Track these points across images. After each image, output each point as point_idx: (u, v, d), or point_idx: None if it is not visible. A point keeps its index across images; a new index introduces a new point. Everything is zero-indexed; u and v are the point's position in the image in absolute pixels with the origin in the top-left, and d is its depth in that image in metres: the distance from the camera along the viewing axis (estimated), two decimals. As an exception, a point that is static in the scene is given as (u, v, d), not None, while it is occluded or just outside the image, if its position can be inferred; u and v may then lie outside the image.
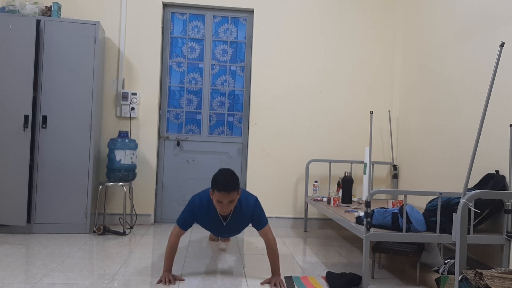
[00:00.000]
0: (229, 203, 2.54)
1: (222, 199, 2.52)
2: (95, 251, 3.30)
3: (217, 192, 2.52)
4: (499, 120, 2.86)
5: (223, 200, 2.52)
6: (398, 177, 4.49)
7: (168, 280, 2.61)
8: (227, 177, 2.52)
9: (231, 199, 2.53)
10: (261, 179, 4.53)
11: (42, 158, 3.80)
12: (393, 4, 4.68)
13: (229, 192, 2.50)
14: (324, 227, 4.59)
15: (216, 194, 2.53)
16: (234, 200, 2.55)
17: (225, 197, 2.51)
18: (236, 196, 2.55)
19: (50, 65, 3.83)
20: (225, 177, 2.52)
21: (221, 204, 2.54)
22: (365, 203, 2.58)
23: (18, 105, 3.67)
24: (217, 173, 2.58)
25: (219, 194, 2.51)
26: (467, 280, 2.15)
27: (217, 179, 2.53)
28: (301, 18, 4.59)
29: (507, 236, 2.62)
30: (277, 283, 2.61)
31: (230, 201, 2.54)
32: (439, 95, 3.68)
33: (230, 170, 2.60)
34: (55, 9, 3.93)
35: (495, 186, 2.70)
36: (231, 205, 2.56)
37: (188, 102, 4.60)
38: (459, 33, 3.41)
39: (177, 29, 4.59)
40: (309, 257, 3.39)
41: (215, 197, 2.55)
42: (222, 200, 2.52)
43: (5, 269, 2.75)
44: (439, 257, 2.83)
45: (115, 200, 4.35)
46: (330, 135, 4.61)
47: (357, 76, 4.64)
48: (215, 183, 2.54)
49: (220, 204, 2.55)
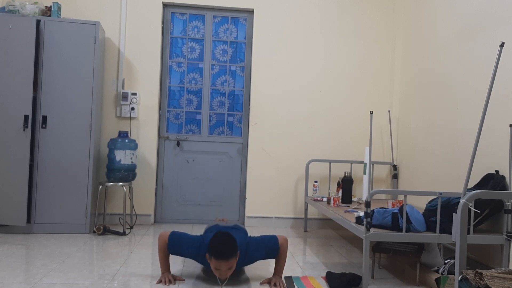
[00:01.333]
0: (228, 270, 2.40)
1: (220, 267, 2.38)
2: (95, 251, 3.30)
3: (214, 260, 2.37)
4: (499, 120, 2.86)
5: (221, 268, 2.38)
6: (398, 177, 4.49)
7: (168, 280, 2.60)
8: (224, 243, 2.37)
9: (230, 266, 2.39)
10: (261, 179, 4.53)
11: (42, 158, 3.80)
12: (393, 4, 4.68)
13: (228, 259, 2.36)
14: (324, 227, 4.59)
15: (214, 261, 2.38)
16: (232, 266, 2.41)
17: (223, 265, 2.37)
18: (234, 262, 2.40)
19: (50, 65, 3.83)
20: (222, 243, 2.37)
21: (219, 272, 2.41)
22: (365, 203, 2.58)
23: (18, 105, 3.67)
24: (213, 239, 2.41)
25: (216, 262, 2.37)
26: (467, 280, 2.15)
27: (214, 246, 2.37)
28: (301, 18, 4.59)
29: (507, 236, 2.62)
30: (277, 283, 2.60)
31: (228, 268, 2.40)
32: (439, 95, 3.68)
33: (227, 234, 2.43)
34: (55, 9, 3.93)
35: (495, 186, 2.70)
36: (229, 271, 2.42)
37: (188, 102, 4.60)
38: (459, 33, 3.41)
39: (177, 29, 4.59)
40: (309, 257, 3.39)
41: (213, 265, 2.40)
42: (220, 268, 2.39)
43: (5, 269, 2.75)
44: (439, 257, 2.83)
45: (115, 200, 4.35)
46: (330, 135, 4.61)
47: (357, 76, 4.64)
48: (211, 250, 2.38)
49: (218, 271, 2.41)
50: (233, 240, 2.41)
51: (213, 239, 2.41)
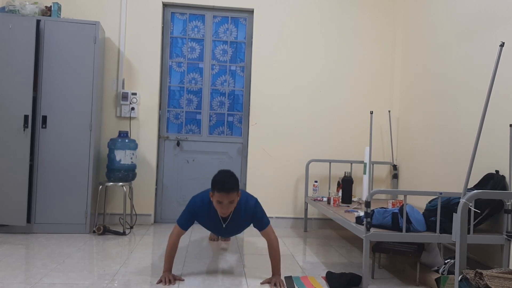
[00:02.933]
0: (229, 203, 2.54)
1: (222, 199, 2.52)
2: (95, 251, 3.30)
3: (216, 193, 2.52)
4: (499, 120, 2.86)
5: (222, 200, 2.52)
6: (398, 177, 4.49)
7: (168, 280, 2.61)
8: (226, 177, 2.53)
9: (231, 199, 2.53)
10: (261, 179, 4.53)
11: (42, 158, 3.80)
12: (393, 4, 4.68)
13: (229, 192, 2.50)
14: (324, 227, 4.59)
15: (216, 194, 2.53)
16: (234, 200, 2.55)
17: (224, 197, 2.51)
18: (236, 196, 2.56)
19: (50, 65, 3.83)
20: (224, 177, 2.53)
21: (221, 205, 2.55)
22: (365, 203, 2.58)
23: (18, 105, 3.67)
24: (217, 174, 2.59)
25: (218, 194, 2.51)
26: (467, 280, 2.15)
27: (217, 180, 2.54)
28: (301, 18, 4.59)
29: (507, 236, 2.62)
30: (277, 283, 2.61)
31: (230, 202, 2.54)
32: (439, 95, 3.68)
33: (229, 171, 2.61)
34: (55, 9, 3.93)
35: (495, 186, 2.70)
36: (231, 206, 2.57)
37: (188, 102, 4.60)
38: (459, 33, 3.41)
39: (177, 29, 4.59)
40: (309, 257, 3.39)
41: (215, 198, 2.55)
42: (222, 200, 2.52)
43: (5, 269, 2.75)
44: (439, 257, 2.83)
45: (115, 200, 4.35)
46: (330, 135, 4.61)
47: (357, 76, 4.64)
48: (214, 184, 2.54)
49: (220, 205, 2.55)
50: (235, 176, 2.58)
51: (217, 174, 2.59)
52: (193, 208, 2.69)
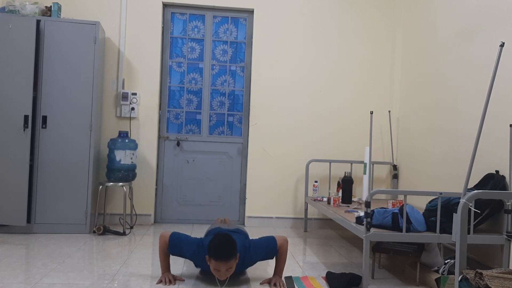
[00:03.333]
0: (227, 271, 2.42)
1: (220, 268, 2.40)
2: (95, 251, 3.30)
3: (213, 261, 2.39)
4: (499, 120, 2.86)
5: (220, 268, 2.40)
6: (398, 177, 4.49)
7: (168, 280, 2.60)
8: (223, 245, 2.39)
9: (229, 267, 2.41)
10: (261, 179, 4.53)
11: (42, 158, 3.80)
12: (393, 4, 4.68)
13: (227, 261, 2.38)
14: (324, 227, 4.59)
15: (213, 262, 2.40)
16: (232, 267, 2.42)
17: (222, 266, 2.39)
18: (234, 263, 2.42)
19: (50, 65, 3.83)
20: (221, 245, 2.39)
21: (218, 273, 2.42)
22: (365, 203, 2.58)
23: (18, 105, 3.67)
24: (213, 240, 2.43)
25: (215, 263, 2.39)
26: (467, 280, 2.15)
27: (213, 248, 2.39)
28: (301, 18, 4.59)
29: (507, 236, 2.62)
30: (277, 283, 2.60)
31: (228, 269, 2.41)
32: (439, 95, 3.68)
33: (227, 235, 2.45)
34: (55, 9, 3.93)
35: (495, 186, 2.70)
36: (229, 272, 2.43)
37: (188, 102, 4.60)
38: (459, 33, 3.41)
39: (177, 29, 4.59)
40: (309, 257, 3.39)
41: (212, 266, 2.42)
42: (220, 268, 2.40)
43: (5, 269, 2.75)
44: (439, 257, 2.83)
45: (115, 200, 4.35)
46: (330, 135, 4.61)
47: (357, 76, 4.64)
48: (211, 251, 2.40)
49: (218, 272, 2.43)
50: (233, 241, 2.42)
51: (213, 240, 2.42)
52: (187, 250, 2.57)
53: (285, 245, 2.65)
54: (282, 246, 2.64)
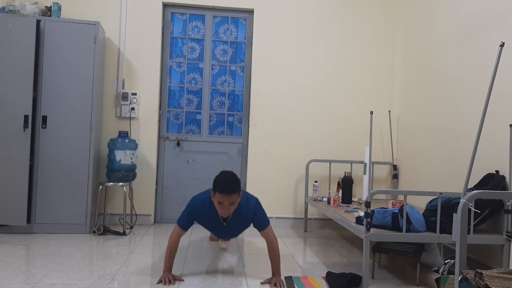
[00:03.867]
0: (230, 205, 2.54)
1: (223, 200, 2.51)
2: (95, 251, 3.30)
3: (218, 194, 2.51)
4: (499, 120, 2.86)
5: (224, 201, 2.51)
6: (398, 177, 4.49)
7: (168, 280, 2.60)
8: (228, 179, 2.52)
9: (232, 201, 2.52)
10: (261, 179, 4.53)
11: (42, 158, 3.80)
12: (393, 4, 4.68)
13: (230, 194, 2.49)
14: (324, 227, 4.59)
15: (217, 195, 2.52)
16: (235, 202, 2.55)
17: (226, 199, 2.50)
18: (237, 198, 2.55)
19: (50, 65, 3.83)
20: (226, 179, 2.52)
21: (222, 206, 2.54)
22: (365, 203, 2.58)
23: (18, 105, 3.67)
24: (219, 175, 2.57)
25: (220, 195, 2.50)
26: (467, 280, 2.15)
27: (218, 181, 2.52)
28: (301, 18, 4.59)
29: (507, 236, 2.62)
30: (277, 283, 2.61)
31: (231, 203, 2.53)
32: (439, 95, 3.68)
33: (231, 172, 2.60)
34: (55, 9, 3.93)
35: (495, 186, 2.70)
36: (232, 207, 2.56)
37: (188, 102, 4.60)
38: (459, 33, 3.41)
39: (177, 29, 4.59)
40: (309, 257, 3.39)
41: (216, 199, 2.54)
42: (223, 201, 2.52)
43: (5, 269, 2.75)
44: (439, 257, 2.83)
45: (115, 200, 4.35)
46: (330, 135, 4.61)
47: (357, 76, 4.64)
48: (216, 184, 2.53)
49: (221, 206, 2.54)
50: (237, 177, 2.57)
51: (218, 175, 2.57)
52: (193, 208, 2.69)
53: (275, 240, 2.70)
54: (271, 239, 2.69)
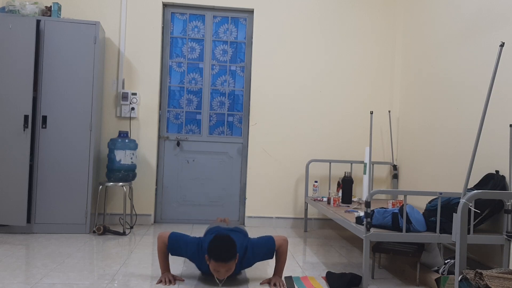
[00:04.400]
0: (226, 271, 2.43)
1: (219, 268, 2.41)
2: (95, 251, 3.30)
3: (213, 262, 2.40)
4: (499, 120, 2.86)
5: (220, 269, 2.41)
6: (398, 177, 4.48)
7: (168, 280, 2.60)
8: (223, 246, 2.39)
9: (228, 268, 2.42)
10: (261, 179, 4.53)
11: (42, 158, 3.80)
12: (393, 4, 4.68)
13: (227, 262, 2.38)
14: (324, 227, 4.59)
15: (213, 263, 2.40)
16: (231, 268, 2.43)
17: (222, 266, 2.40)
18: (233, 264, 2.43)
19: (50, 65, 3.83)
20: (221, 246, 2.39)
21: (218, 273, 2.43)
22: (365, 203, 2.58)
23: (18, 105, 3.67)
24: (213, 241, 2.43)
25: (215, 264, 2.39)
26: (467, 280, 2.15)
27: (213, 249, 2.39)
28: (301, 18, 4.59)
29: (507, 236, 2.62)
30: (277, 283, 2.60)
31: (227, 270, 2.42)
32: (439, 95, 3.68)
33: (227, 237, 2.44)
34: (55, 9, 3.93)
35: (495, 186, 2.70)
36: (228, 273, 2.44)
37: (188, 102, 4.60)
38: (459, 33, 3.41)
39: (177, 29, 4.59)
40: (309, 257, 3.39)
41: (212, 266, 2.42)
42: (219, 269, 2.41)
43: (5, 269, 2.75)
44: (439, 257, 2.83)
45: (115, 200, 4.35)
46: (330, 135, 4.61)
47: (357, 76, 4.64)
48: (210, 252, 2.40)
49: (217, 273, 2.43)
50: (233, 242, 2.42)
51: (213, 241, 2.42)
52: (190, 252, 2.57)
53: (284, 245, 2.64)
54: (281, 246, 2.64)
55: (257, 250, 2.60)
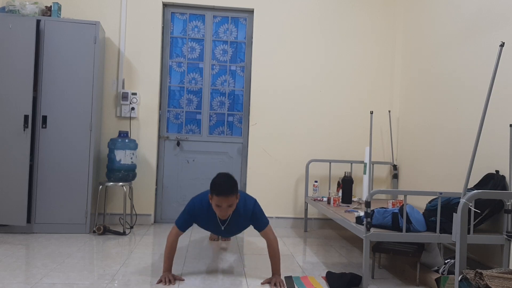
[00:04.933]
0: (228, 207, 2.54)
1: (221, 203, 2.51)
2: (95, 251, 3.30)
3: (215, 196, 2.51)
4: (499, 120, 2.86)
5: (221, 204, 2.51)
6: (398, 177, 4.49)
7: (168, 280, 2.61)
8: (225, 181, 2.52)
9: (230, 203, 2.52)
10: (261, 179, 4.53)
11: (42, 158, 3.80)
12: (393, 4, 4.68)
13: (228, 196, 2.50)
14: (324, 227, 4.59)
15: (215, 198, 2.52)
16: (233, 204, 2.55)
17: (223, 201, 2.50)
18: (234, 200, 2.55)
19: (50, 65, 3.83)
20: (223, 181, 2.52)
21: (220, 208, 2.54)
22: (365, 203, 2.58)
23: (18, 105, 3.67)
24: (216, 177, 2.57)
25: (217, 198, 2.51)
26: (467, 280, 2.15)
27: (215, 184, 2.53)
28: (301, 18, 4.59)
29: (507, 236, 2.62)
30: (277, 283, 2.61)
31: (228, 205, 2.53)
32: (439, 95, 3.68)
33: (228, 174, 2.60)
34: (55, 9, 3.93)
35: (495, 186, 2.70)
36: (230, 209, 2.56)
37: (188, 102, 4.60)
38: (459, 33, 3.41)
39: (177, 29, 4.59)
40: (309, 257, 3.39)
41: (214, 201, 2.54)
42: (221, 204, 2.51)
43: (5, 269, 2.75)
44: (439, 257, 2.83)
45: (115, 200, 4.35)
46: (330, 135, 4.61)
47: (357, 76, 4.64)
48: (213, 187, 2.53)
49: (219, 208, 2.54)
50: (234, 179, 2.56)
51: (216, 177, 2.57)
52: (192, 209, 2.70)
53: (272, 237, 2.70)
54: (270, 235, 2.69)
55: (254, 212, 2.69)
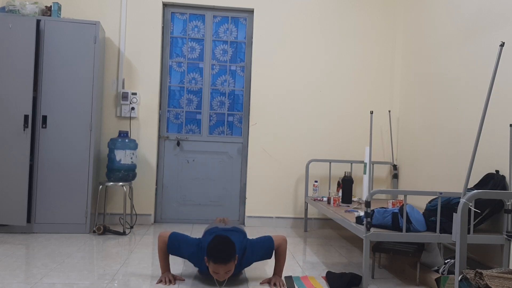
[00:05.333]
0: (226, 273, 2.39)
1: (218, 270, 2.37)
2: (95, 251, 3.30)
3: (212, 264, 2.36)
4: (499, 120, 2.86)
5: (219, 271, 2.38)
6: (398, 177, 4.48)
7: (168, 280, 2.60)
8: (223, 249, 2.36)
9: (228, 269, 2.38)
10: (261, 179, 4.53)
11: (42, 158, 3.80)
12: (393, 4, 4.68)
13: (226, 264, 2.35)
14: (324, 227, 4.59)
15: (212, 265, 2.37)
16: (231, 270, 2.40)
17: (221, 268, 2.37)
18: (232, 265, 2.39)
19: (50, 65, 3.83)
20: (221, 249, 2.35)
21: (217, 275, 2.40)
22: (365, 203, 2.58)
23: (18, 105, 3.67)
24: (212, 242, 2.39)
25: (214, 265, 2.36)
26: (467, 280, 2.15)
27: (213, 250, 2.35)
28: (301, 18, 4.59)
29: (507, 236, 2.62)
30: (277, 283, 2.60)
31: (226, 272, 2.39)
32: (439, 95, 3.68)
33: (226, 238, 2.41)
34: (55, 9, 3.93)
35: (495, 186, 2.70)
36: (228, 274, 2.41)
37: (188, 102, 4.60)
38: (459, 33, 3.41)
39: (177, 29, 4.59)
40: (309, 257, 3.39)
41: (211, 268, 2.39)
42: (219, 271, 2.38)
43: (5, 269, 2.75)
44: (439, 257, 2.83)
45: (115, 200, 4.35)
46: (330, 135, 4.61)
47: (357, 76, 4.64)
48: (210, 253, 2.36)
49: (216, 275, 2.40)
50: (232, 244, 2.40)
51: (212, 242, 2.40)
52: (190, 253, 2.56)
53: (283, 245, 2.64)
54: (281, 245, 2.63)
55: (256, 250, 2.60)
